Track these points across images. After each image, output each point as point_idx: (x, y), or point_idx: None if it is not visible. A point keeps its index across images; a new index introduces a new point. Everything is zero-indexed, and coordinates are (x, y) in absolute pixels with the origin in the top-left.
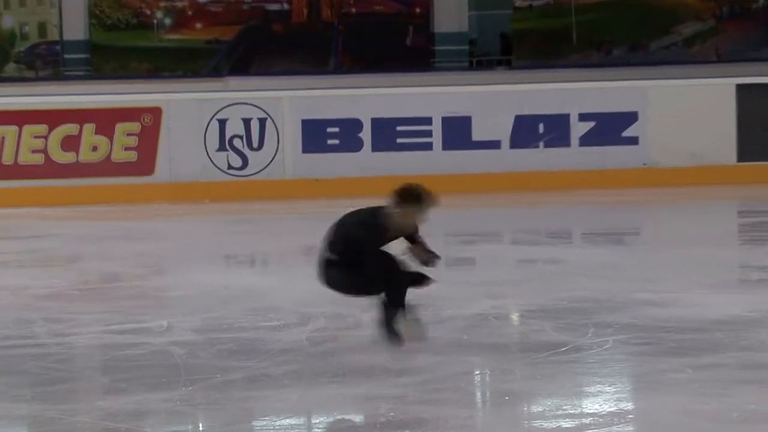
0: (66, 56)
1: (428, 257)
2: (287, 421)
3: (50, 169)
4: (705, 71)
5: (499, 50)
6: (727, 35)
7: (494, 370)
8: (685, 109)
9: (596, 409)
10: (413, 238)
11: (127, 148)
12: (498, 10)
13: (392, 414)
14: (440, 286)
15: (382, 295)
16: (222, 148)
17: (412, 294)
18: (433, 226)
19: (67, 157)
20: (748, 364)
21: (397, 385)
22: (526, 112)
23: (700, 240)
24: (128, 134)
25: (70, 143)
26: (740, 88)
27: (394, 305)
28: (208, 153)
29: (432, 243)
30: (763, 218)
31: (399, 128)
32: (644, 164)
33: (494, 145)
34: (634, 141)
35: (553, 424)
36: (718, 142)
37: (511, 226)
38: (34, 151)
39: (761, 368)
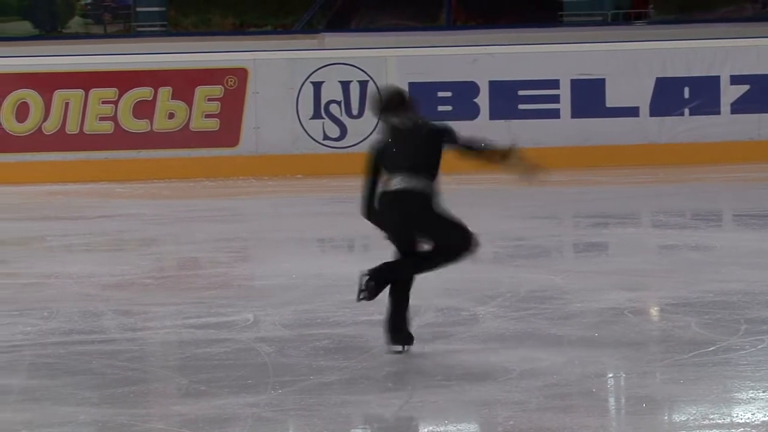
0: (138, 9)
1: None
2: (391, 431)
3: (121, 139)
4: None
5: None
6: None
7: (630, 373)
8: None
9: (748, 418)
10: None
11: (208, 116)
12: None
13: (512, 422)
14: (568, 276)
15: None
16: (317, 115)
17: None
18: (560, 206)
19: (140, 126)
20: None
21: (517, 389)
22: (668, 74)
23: None
24: (209, 99)
25: (143, 109)
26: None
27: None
28: (300, 121)
29: (560, 225)
30: None
31: (521, 92)
32: None
33: (632, 112)
34: None
35: None
36: None
37: (651, 207)
38: (102, 119)
39: None
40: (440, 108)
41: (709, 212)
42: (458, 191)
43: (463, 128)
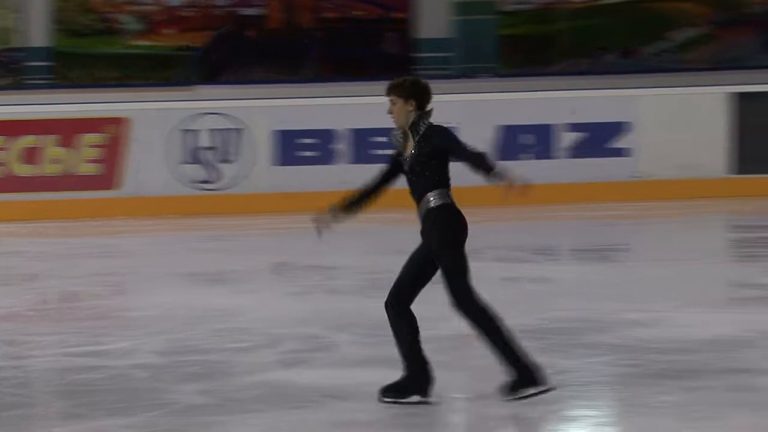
0: (27, 64)
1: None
2: None
3: (10, 183)
4: (699, 79)
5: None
6: (722, 42)
7: (474, 394)
8: (677, 118)
9: None
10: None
11: (91, 161)
12: (483, 15)
13: None
14: (416, 305)
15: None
16: (191, 160)
17: None
18: (411, 243)
19: (28, 170)
20: (738, 387)
21: (371, 410)
22: (511, 122)
23: (691, 256)
24: (92, 146)
25: (31, 155)
26: (735, 96)
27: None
28: (176, 166)
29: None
30: (756, 233)
31: (376, 139)
32: (634, 176)
33: None
34: (624, 152)
35: None
36: (712, 154)
37: (494, 242)
38: None
39: (752, 391)
40: (304, 154)
41: (547, 247)
42: (314, 229)
43: (324, 172)
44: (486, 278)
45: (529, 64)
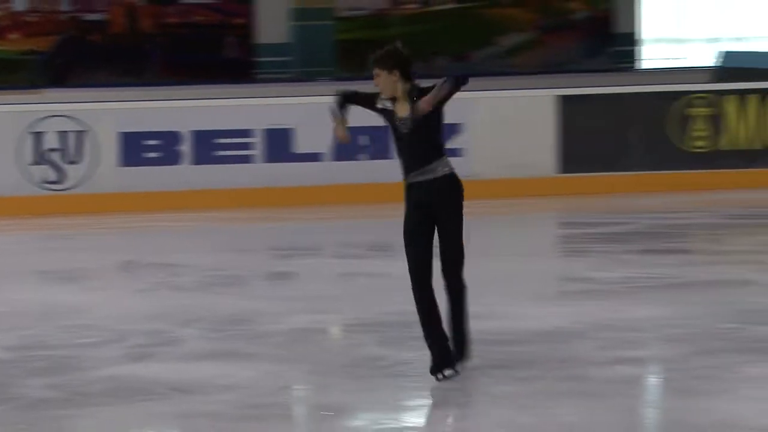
0: None
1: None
2: None
3: None
4: (527, 82)
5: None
6: (548, 47)
7: (315, 385)
8: (507, 120)
9: (417, 422)
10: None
11: None
12: (320, 21)
13: None
14: (261, 301)
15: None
16: (38, 161)
17: None
18: (252, 240)
19: None
20: (568, 377)
21: (215, 402)
22: (348, 123)
23: (522, 252)
24: None
25: None
26: (561, 99)
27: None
28: (25, 167)
29: (254, 257)
30: (582, 229)
31: (219, 141)
32: (468, 176)
33: (316, 157)
34: (457, 153)
35: None
36: (541, 154)
37: (332, 240)
38: None
39: (580, 380)
40: (148, 155)
41: (383, 244)
42: (159, 228)
43: (168, 173)
44: (324, 274)
45: (365, 68)
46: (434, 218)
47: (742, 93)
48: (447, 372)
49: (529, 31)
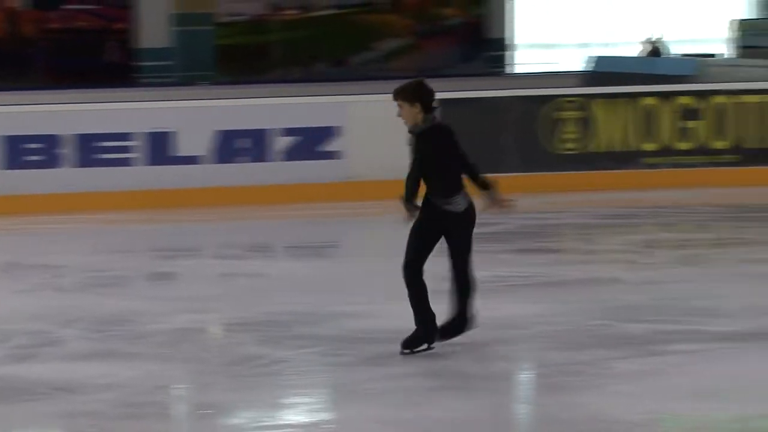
0: None
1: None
2: None
3: None
4: None
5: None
6: (425, 51)
7: (195, 384)
8: (384, 123)
9: (294, 420)
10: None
11: None
12: (201, 26)
13: (92, 431)
14: (140, 301)
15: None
16: None
17: None
18: (134, 242)
19: None
20: (440, 372)
21: (97, 400)
22: (228, 127)
23: (398, 252)
24: None
25: None
26: (438, 103)
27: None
28: None
29: (136, 258)
30: None
31: (101, 144)
32: (345, 178)
33: (196, 160)
34: (336, 155)
35: None
36: None
37: (212, 241)
38: None
39: (454, 377)
40: (30, 158)
41: (263, 245)
42: (41, 230)
43: (50, 176)
44: (204, 275)
45: (245, 73)
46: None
47: (611, 96)
48: (432, 345)
49: (405, 37)
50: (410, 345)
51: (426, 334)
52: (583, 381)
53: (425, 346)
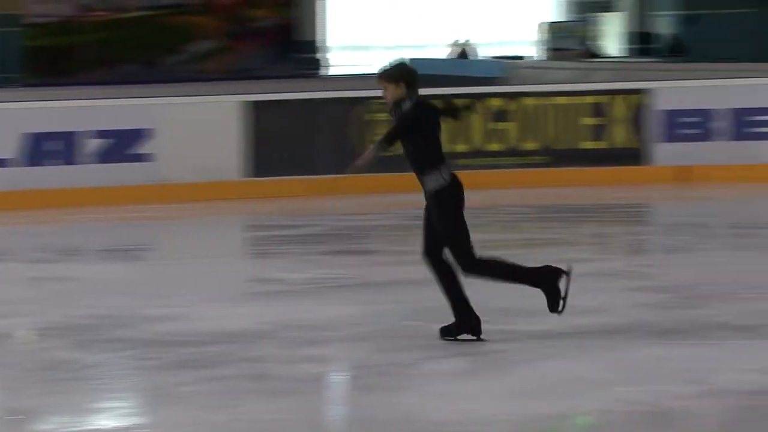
0: None
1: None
2: None
3: None
4: (217, 88)
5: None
6: (236, 53)
7: (4, 389)
8: (196, 125)
9: (107, 424)
10: None
11: None
12: (8, 27)
13: None
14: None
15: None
16: None
17: None
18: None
19: None
20: (255, 375)
21: None
22: (38, 129)
23: (212, 254)
24: None
25: None
26: (248, 104)
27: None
28: None
29: None
30: (270, 232)
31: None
32: (157, 180)
33: (4, 163)
34: (147, 158)
35: None
36: (228, 158)
37: (21, 244)
38: None
39: (268, 379)
40: None
41: (72, 248)
42: None
43: None
44: (13, 279)
45: (54, 74)
46: None
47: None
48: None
49: (216, 39)
50: (446, 332)
51: (462, 324)
52: (397, 381)
53: (467, 336)
